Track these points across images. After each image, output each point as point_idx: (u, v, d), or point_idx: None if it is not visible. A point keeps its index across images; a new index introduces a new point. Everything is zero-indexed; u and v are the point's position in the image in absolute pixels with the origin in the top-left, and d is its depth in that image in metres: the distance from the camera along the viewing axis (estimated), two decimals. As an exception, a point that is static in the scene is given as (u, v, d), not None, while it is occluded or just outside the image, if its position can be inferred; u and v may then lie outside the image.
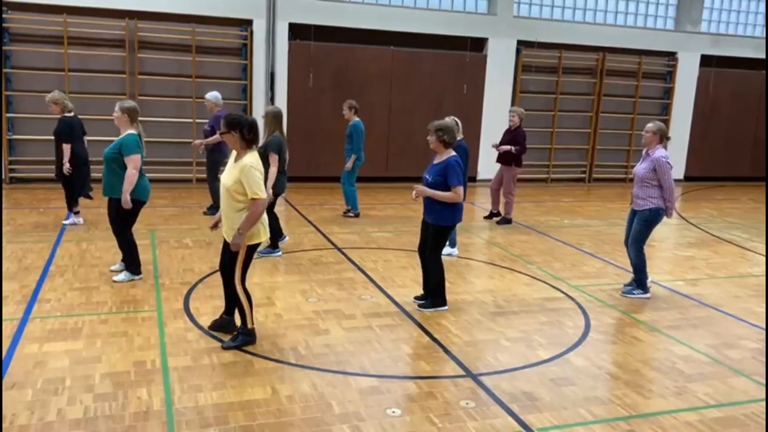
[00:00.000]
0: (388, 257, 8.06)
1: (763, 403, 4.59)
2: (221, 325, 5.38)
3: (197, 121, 12.46)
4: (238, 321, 5.28)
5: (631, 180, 6.82)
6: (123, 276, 6.60)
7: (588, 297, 6.82)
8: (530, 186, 14.74)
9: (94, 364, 4.70)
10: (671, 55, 15.94)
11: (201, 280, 6.75)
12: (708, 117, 16.40)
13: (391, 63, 13.78)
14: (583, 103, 15.57)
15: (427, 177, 5.90)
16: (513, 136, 10.26)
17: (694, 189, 15.54)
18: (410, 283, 7.00)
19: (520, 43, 14.61)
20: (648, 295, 6.79)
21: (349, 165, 9.92)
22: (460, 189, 5.78)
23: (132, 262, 6.62)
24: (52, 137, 8.83)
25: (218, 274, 6.95)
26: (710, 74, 16.12)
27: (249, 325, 5.11)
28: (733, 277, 7.88)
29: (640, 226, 6.67)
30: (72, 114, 8.72)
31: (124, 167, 6.26)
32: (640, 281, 6.83)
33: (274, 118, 7.50)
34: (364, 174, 11.23)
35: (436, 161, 5.92)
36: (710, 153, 16.57)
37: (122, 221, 6.48)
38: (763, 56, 16.37)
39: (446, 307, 6.18)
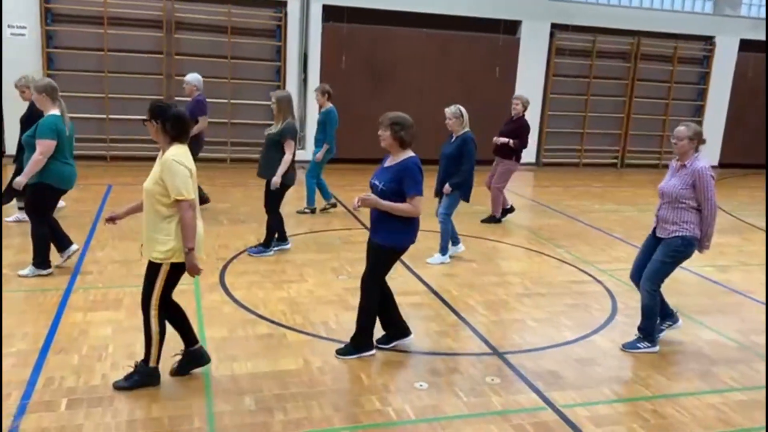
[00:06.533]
0: (418, 238, 8.16)
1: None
2: (191, 362, 4.31)
3: (232, 101, 12.66)
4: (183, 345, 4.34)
5: (666, 166, 5.24)
6: (28, 270, 5.96)
7: (616, 281, 6.86)
8: (560, 170, 14.70)
9: (135, 333, 4.88)
10: (709, 40, 15.67)
11: (235, 257, 6.95)
12: (746, 103, 16.08)
13: (423, 45, 13.79)
14: (617, 87, 15.41)
15: (377, 183, 4.62)
16: (515, 127, 8.96)
17: (729, 176, 15.32)
18: (439, 264, 7.12)
19: (554, 26, 14.50)
20: (657, 348, 5.15)
21: (319, 156, 8.92)
22: (420, 200, 4.55)
23: (39, 255, 5.97)
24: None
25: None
26: (749, 59, 15.80)
27: (152, 363, 4.08)
28: (765, 264, 7.83)
29: (665, 259, 5.00)
30: None
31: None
32: (647, 330, 5.15)
33: (288, 103, 7.05)
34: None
35: (388, 163, 4.68)
36: (747, 140, 16.27)
37: (36, 208, 5.89)
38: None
39: (372, 352, 4.76)
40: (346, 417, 3.95)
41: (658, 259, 5.03)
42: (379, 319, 4.91)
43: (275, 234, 7.17)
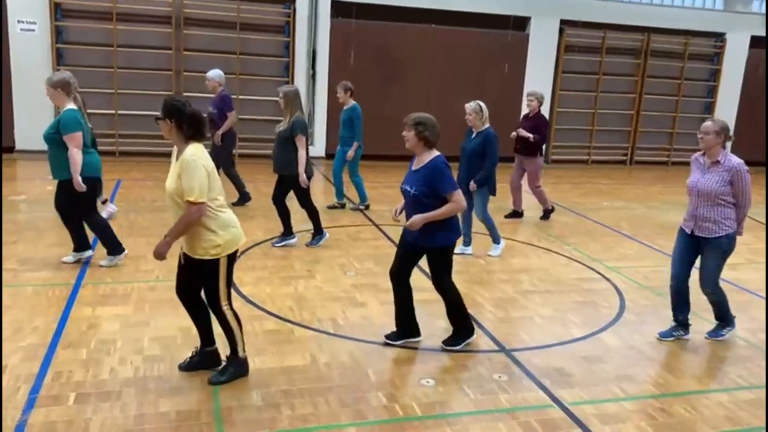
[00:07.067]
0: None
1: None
2: (202, 362, 4.33)
3: (240, 97, 12.67)
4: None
5: (675, 164, 5.37)
6: (106, 262, 6.19)
7: (624, 278, 6.83)
8: (569, 167, 14.65)
9: (143, 328, 4.94)
10: (719, 36, 15.55)
11: (243, 252, 6.96)
12: (757, 100, 15.94)
13: (431, 41, 13.76)
14: (626, 84, 15.34)
15: (409, 189, 4.62)
16: (535, 123, 8.97)
17: (739, 174, 15.22)
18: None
19: (563, 22, 14.43)
20: (734, 328, 5.39)
21: (351, 153, 9.06)
22: (459, 193, 4.58)
23: (109, 242, 6.18)
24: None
25: (259, 247, 7.21)
26: (760, 56, 15.68)
27: (241, 354, 4.25)
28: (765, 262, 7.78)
29: (719, 261, 5.04)
30: None
31: (65, 146, 5.70)
32: (725, 318, 5.31)
33: (295, 98, 7.08)
34: (403, 154, 11.30)
35: (415, 166, 4.69)
36: (757, 137, 16.13)
37: (78, 205, 5.94)
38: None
39: (473, 336, 5.01)
40: (353, 413, 3.95)
41: (712, 263, 5.05)
42: (395, 313, 4.98)
43: (318, 220, 7.39)
